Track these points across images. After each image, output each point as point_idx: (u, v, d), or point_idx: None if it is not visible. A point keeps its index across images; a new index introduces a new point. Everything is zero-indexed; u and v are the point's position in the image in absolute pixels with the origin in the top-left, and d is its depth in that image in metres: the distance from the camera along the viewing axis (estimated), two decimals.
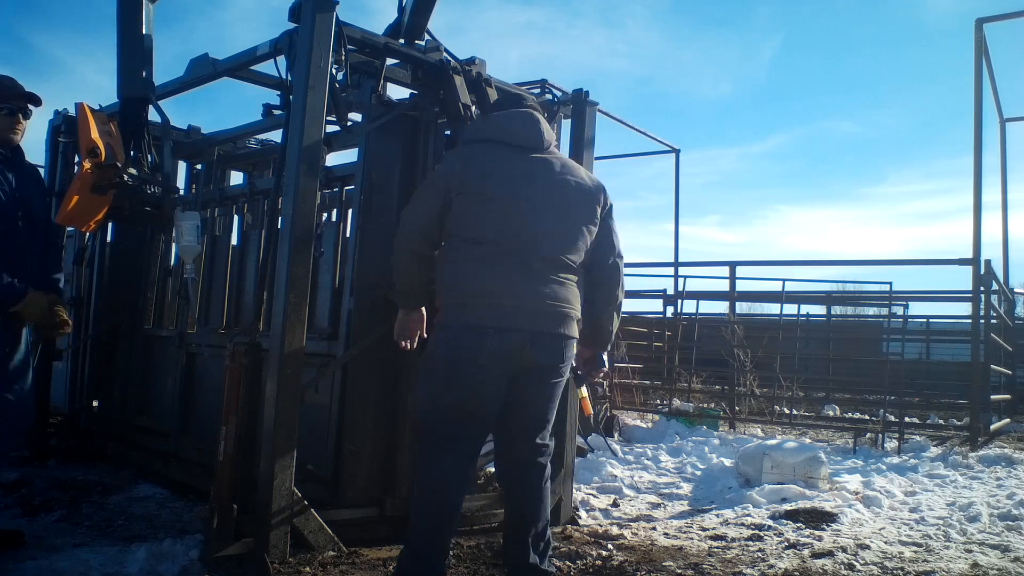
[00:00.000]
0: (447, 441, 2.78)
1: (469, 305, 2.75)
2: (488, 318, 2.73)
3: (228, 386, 3.13)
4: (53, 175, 5.21)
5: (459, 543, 3.54)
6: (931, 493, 5.45)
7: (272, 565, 2.98)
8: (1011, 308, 11.93)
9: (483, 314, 2.73)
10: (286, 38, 3.31)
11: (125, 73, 3.80)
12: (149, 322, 5.18)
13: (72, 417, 5.20)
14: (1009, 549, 3.92)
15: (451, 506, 2.78)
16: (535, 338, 2.78)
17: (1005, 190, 12.36)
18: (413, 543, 2.77)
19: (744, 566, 3.50)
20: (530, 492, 2.91)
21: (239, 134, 4.92)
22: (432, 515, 2.75)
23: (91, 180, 3.44)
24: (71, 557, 3.10)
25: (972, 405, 8.13)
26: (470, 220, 2.79)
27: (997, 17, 8.80)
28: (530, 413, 2.91)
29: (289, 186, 3.16)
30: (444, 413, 2.77)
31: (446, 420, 2.77)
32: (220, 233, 4.83)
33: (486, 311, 2.73)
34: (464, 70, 3.74)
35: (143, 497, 4.19)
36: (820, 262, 17.32)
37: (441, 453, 2.77)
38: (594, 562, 3.42)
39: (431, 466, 2.78)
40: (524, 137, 2.94)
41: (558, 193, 2.89)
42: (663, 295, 12.39)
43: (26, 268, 3.29)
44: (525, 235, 2.80)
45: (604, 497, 5.00)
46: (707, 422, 8.54)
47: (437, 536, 2.75)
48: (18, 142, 3.35)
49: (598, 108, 4.31)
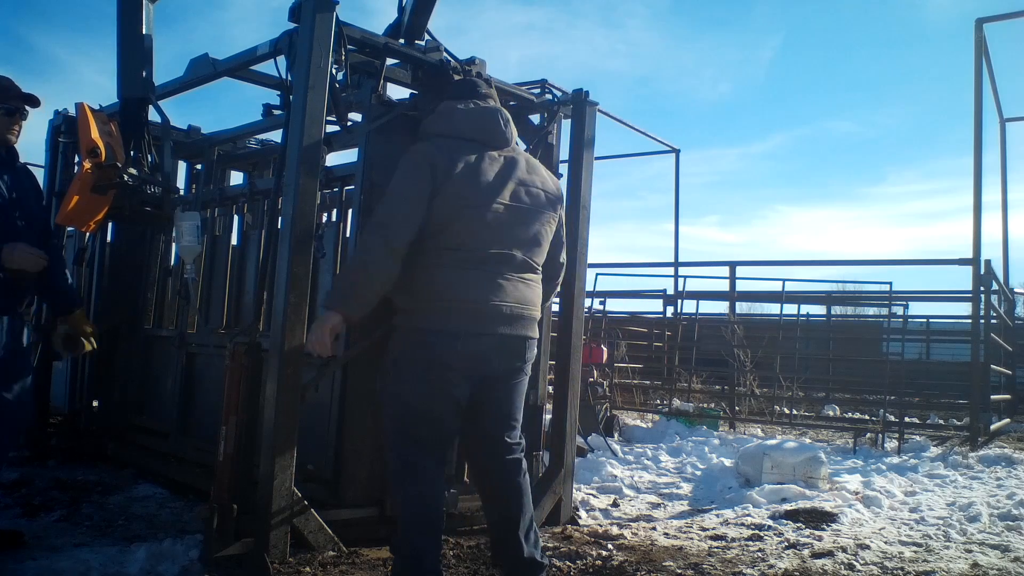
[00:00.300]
0: (425, 445, 2.76)
1: (444, 310, 2.70)
2: (463, 322, 2.70)
3: (228, 386, 3.13)
4: (53, 175, 5.21)
5: (459, 543, 3.55)
6: (931, 493, 5.45)
7: (272, 565, 2.98)
8: (1011, 308, 11.93)
9: (458, 318, 2.70)
10: (286, 38, 3.31)
11: (125, 73, 3.80)
12: (149, 322, 5.18)
13: (72, 417, 5.19)
14: (1009, 549, 3.92)
15: (440, 510, 2.79)
16: (503, 341, 2.78)
17: (1005, 190, 12.38)
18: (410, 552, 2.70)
19: (744, 566, 3.50)
20: (513, 489, 2.90)
21: (239, 134, 4.92)
22: (426, 521, 2.72)
23: (91, 180, 3.44)
24: (71, 557, 3.10)
25: (972, 405, 8.14)
26: (445, 223, 2.72)
27: (997, 17, 8.81)
28: (502, 413, 2.90)
29: (289, 186, 3.17)
30: (420, 418, 2.75)
31: (422, 424, 2.75)
32: (220, 233, 4.82)
33: (461, 316, 2.70)
34: (464, 70, 3.74)
35: (143, 497, 4.19)
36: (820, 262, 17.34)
37: (422, 457, 2.75)
38: (594, 562, 3.42)
39: (415, 471, 2.74)
40: (494, 136, 2.90)
41: (526, 194, 2.88)
42: (663, 295, 12.42)
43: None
44: (498, 240, 2.78)
45: (604, 497, 5.00)
46: (707, 422, 8.54)
47: (435, 543, 2.73)
48: (13, 143, 3.35)
49: (598, 108, 4.31)
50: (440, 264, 2.73)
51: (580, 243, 4.20)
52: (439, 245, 2.73)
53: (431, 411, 2.75)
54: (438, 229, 2.72)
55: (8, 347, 3.23)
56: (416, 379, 2.73)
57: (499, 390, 2.88)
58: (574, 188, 4.22)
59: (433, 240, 2.73)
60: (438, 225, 2.72)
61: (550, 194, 2.98)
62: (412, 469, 2.74)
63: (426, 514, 2.72)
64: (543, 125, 4.24)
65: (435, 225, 2.72)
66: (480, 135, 2.86)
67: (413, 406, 2.75)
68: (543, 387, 4.14)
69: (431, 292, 2.72)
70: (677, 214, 15.06)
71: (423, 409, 2.74)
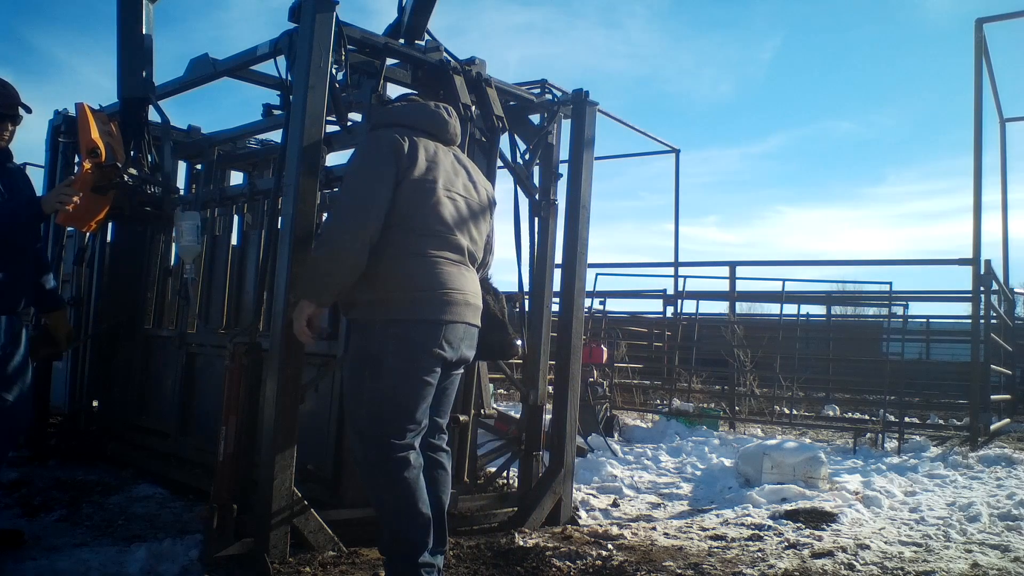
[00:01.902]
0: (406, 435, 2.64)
1: (420, 299, 2.64)
2: (441, 312, 2.66)
3: (228, 386, 3.13)
4: (53, 175, 5.21)
5: (459, 543, 3.55)
6: (931, 493, 5.45)
7: (272, 565, 2.99)
8: (1011, 308, 11.93)
9: (436, 308, 2.65)
10: (286, 38, 3.31)
11: (125, 73, 3.80)
12: (149, 322, 5.18)
13: (72, 417, 5.19)
14: (1009, 549, 3.92)
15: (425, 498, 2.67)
16: (467, 331, 2.79)
17: (1005, 190, 12.39)
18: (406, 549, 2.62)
19: (744, 566, 3.50)
20: (447, 478, 2.88)
21: (239, 134, 4.93)
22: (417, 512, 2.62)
23: (91, 180, 3.45)
24: (71, 557, 3.11)
25: (972, 405, 8.14)
26: (414, 209, 2.67)
27: (997, 17, 8.82)
28: (448, 402, 2.92)
29: (289, 186, 3.17)
30: (403, 411, 2.64)
31: (404, 417, 2.64)
32: (220, 233, 4.82)
33: (438, 305, 2.66)
34: (464, 70, 3.74)
35: (143, 497, 4.19)
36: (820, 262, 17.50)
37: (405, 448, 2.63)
38: (594, 562, 3.42)
39: (400, 463, 2.62)
40: (446, 131, 2.91)
41: (474, 191, 2.91)
42: (663, 295, 12.43)
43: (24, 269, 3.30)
44: (459, 229, 2.77)
45: (604, 497, 5.00)
46: (707, 422, 8.54)
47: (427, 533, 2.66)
48: (4, 146, 3.36)
49: (598, 108, 4.31)
50: (411, 252, 2.66)
51: (580, 243, 4.20)
52: (408, 232, 2.67)
53: (417, 402, 2.66)
54: (406, 216, 2.66)
55: (7, 347, 3.23)
56: (400, 373, 2.63)
57: (454, 379, 2.91)
58: (574, 188, 4.22)
59: (401, 227, 2.66)
60: (405, 212, 2.66)
61: (489, 195, 3.02)
62: (397, 462, 2.62)
63: (416, 505, 2.63)
64: (543, 125, 4.24)
65: (401, 212, 2.65)
66: (434, 129, 2.86)
67: (397, 400, 2.64)
68: (543, 387, 4.14)
69: (406, 281, 2.64)
70: (677, 214, 15.15)
71: (408, 401, 2.65)
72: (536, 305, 4.13)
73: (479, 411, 4.10)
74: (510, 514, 3.96)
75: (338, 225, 2.61)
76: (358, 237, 2.58)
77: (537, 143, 4.21)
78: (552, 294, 4.25)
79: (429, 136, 2.83)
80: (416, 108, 2.92)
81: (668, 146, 13.00)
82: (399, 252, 2.65)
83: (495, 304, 3.16)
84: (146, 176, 3.70)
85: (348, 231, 2.58)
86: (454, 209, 2.77)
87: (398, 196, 2.64)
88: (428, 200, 2.70)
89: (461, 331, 2.75)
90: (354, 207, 2.61)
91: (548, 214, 4.17)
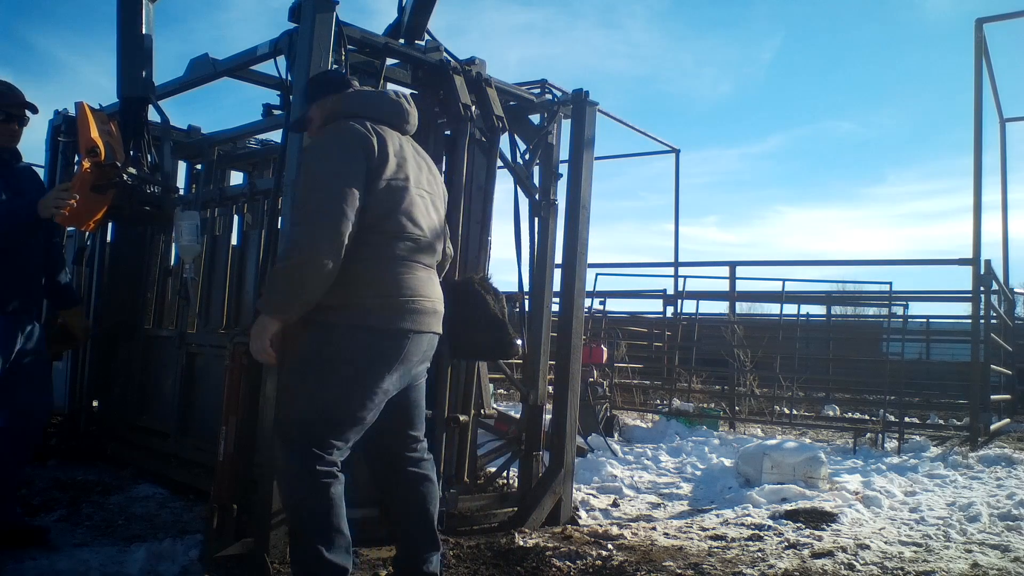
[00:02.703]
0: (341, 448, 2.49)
1: (387, 307, 2.47)
2: (411, 322, 2.51)
3: (228, 386, 3.13)
4: (53, 175, 5.21)
5: (459, 543, 3.55)
6: (931, 493, 5.46)
7: (272, 565, 2.99)
8: (1011, 308, 11.93)
9: (404, 317, 2.49)
10: (286, 38, 3.32)
11: (125, 73, 3.80)
12: (149, 322, 5.18)
13: (72, 417, 5.19)
14: (1009, 549, 3.92)
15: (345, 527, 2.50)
16: (431, 341, 2.65)
17: (1005, 190, 12.40)
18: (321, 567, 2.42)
19: (744, 566, 3.50)
20: (434, 489, 2.76)
21: (239, 134, 4.93)
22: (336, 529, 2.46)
23: (91, 180, 3.44)
24: (71, 557, 3.11)
25: (972, 405, 8.14)
26: (389, 210, 2.48)
27: (997, 17, 8.82)
28: (419, 411, 2.76)
29: (289, 186, 3.16)
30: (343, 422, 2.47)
31: (346, 427, 2.48)
32: (220, 233, 4.82)
33: (407, 314, 2.50)
34: (464, 70, 3.75)
35: (143, 497, 4.19)
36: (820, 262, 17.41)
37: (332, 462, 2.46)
38: (594, 562, 3.42)
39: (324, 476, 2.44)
40: (408, 120, 2.71)
41: (434, 183, 2.75)
42: (663, 295, 12.42)
43: (31, 267, 3.31)
44: (429, 230, 2.62)
45: (604, 497, 5.00)
46: (707, 422, 8.55)
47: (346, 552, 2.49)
48: (11, 146, 3.37)
49: (598, 108, 4.31)
50: (384, 256, 2.49)
51: (580, 243, 4.20)
52: (381, 234, 2.48)
53: (361, 415, 2.48)
54: (380, 216, 2.47)
55: (23, 346, 3.27)
56: (352, 381, 2.46)
57: (420, 388, 2.74)
58: (574, 188, 4.22)
59: (375, 229, 2.47)
60: (380, 213, 2.47)
61: (441, 184, 2.86)
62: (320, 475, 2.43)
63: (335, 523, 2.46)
64: (543, 125, 4.25)
65: (376, 213, 2.46)
66: (396, 119, 2.67)
67: (337, 410, 2.46)
68: (543, 387, 4.14)
69: (375, 286, 2.46)
70: (677, 214, 15.17)
71: (347, 415, 2.47)
72: (536, 305, 4.13)
73: (479, 411, 4.10)
74: (510, 514, 3.96)
75: (310, 230, 2.35)
76: (335, 242, 2.34)
77: (537, 143, 4.21)
78: (552, 294, 4.25)
79: (391, 127, 2.63)
80: (377, 97, 2.71)
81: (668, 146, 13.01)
82: (372, 255, 2.47)
83: (495, 304, 3.14)
84: (146, 176, 3.69)
85: (324, 236, 2.34)
86: (424, 208, 2.62)
87: (371, 197, 2.44)
88: (402, 201, 2.52)
89: (426, 342, 2.61)
90: (326, 210, 2.35)
91: (548, 214, 4.17)
